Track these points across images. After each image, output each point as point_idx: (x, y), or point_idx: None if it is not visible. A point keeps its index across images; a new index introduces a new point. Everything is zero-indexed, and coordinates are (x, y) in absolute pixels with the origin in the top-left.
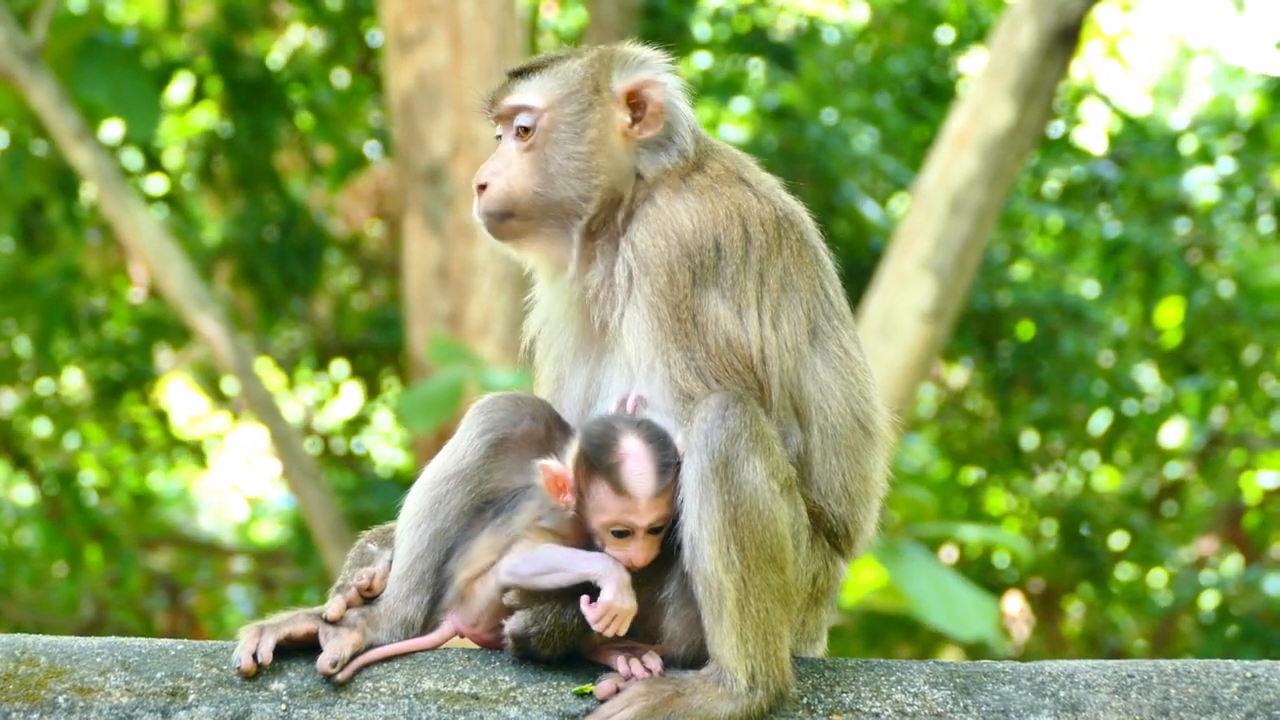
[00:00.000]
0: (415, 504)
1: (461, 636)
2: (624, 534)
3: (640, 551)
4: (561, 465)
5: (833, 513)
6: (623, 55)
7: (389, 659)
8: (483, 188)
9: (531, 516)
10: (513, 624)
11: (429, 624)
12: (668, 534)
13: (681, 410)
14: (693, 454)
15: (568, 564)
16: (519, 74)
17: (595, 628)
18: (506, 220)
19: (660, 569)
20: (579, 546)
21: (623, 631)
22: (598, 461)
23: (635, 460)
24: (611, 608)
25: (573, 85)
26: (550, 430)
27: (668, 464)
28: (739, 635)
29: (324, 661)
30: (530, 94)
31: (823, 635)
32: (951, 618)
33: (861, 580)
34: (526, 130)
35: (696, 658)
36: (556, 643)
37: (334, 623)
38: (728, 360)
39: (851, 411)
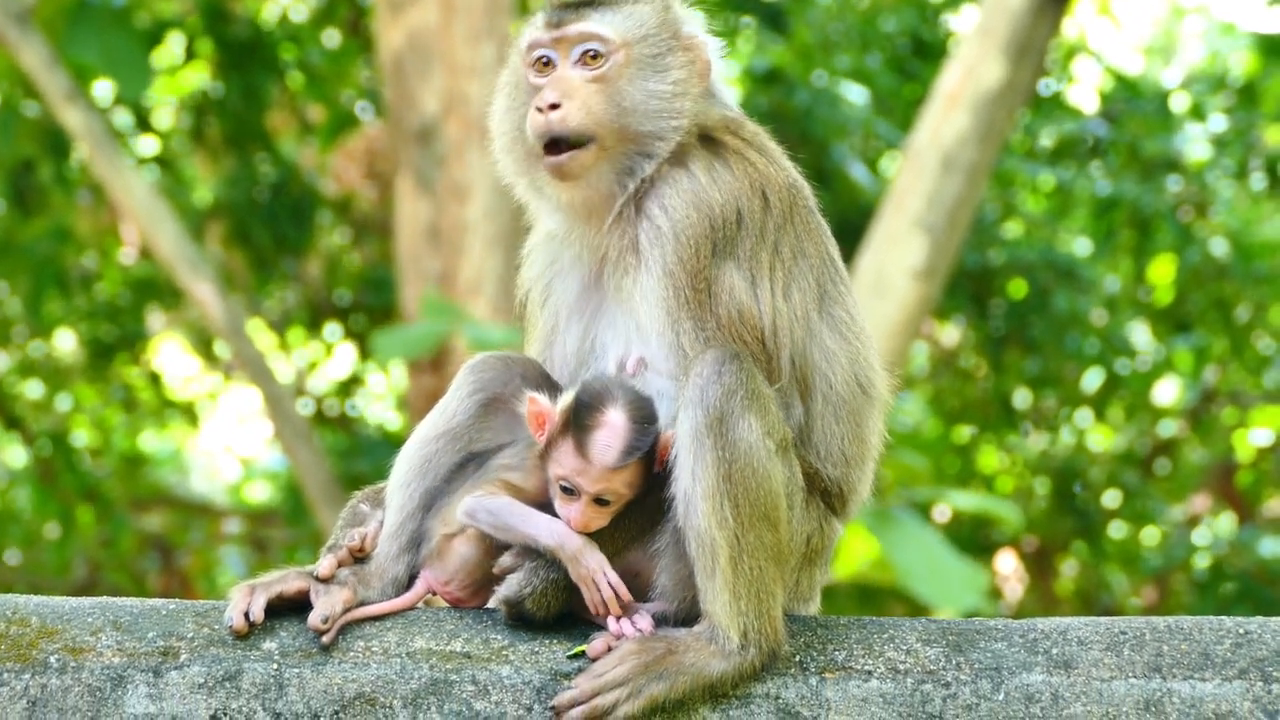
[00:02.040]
0: (405, 463)
1: (434, 595)
2: (571, 492)
3: (580, 515)
4: (550, 404)
5: (828, 474)
6: (680, 8)
7: (378, 618)
8: (555, 106)
9: (501, 464)
10: (505, 589)
11: None
12: (659, 490)
13: (682, 374)
14: (687, 409)
15: (520, 524)
16: (583, 3)
17: (581, 587)
18: (586, 146)
19: (652, 523)
20: (538, 501)
21: (608, 584)
22: (577, 417)
23: (609, 432)
24: (581, 577)
25: (649, 27)
26: (540, 390)
27: (637, 448)
28: (732, 593)
29: (315, 618)
30: (605, 26)
31: (816, 595)
32: (937, 589)
33: (853, 553)
34: (594, 58)
35: (688, 615)
36: (551, 601)
37: (325, 580)
38: (738, 331)
39: (855, 376)
